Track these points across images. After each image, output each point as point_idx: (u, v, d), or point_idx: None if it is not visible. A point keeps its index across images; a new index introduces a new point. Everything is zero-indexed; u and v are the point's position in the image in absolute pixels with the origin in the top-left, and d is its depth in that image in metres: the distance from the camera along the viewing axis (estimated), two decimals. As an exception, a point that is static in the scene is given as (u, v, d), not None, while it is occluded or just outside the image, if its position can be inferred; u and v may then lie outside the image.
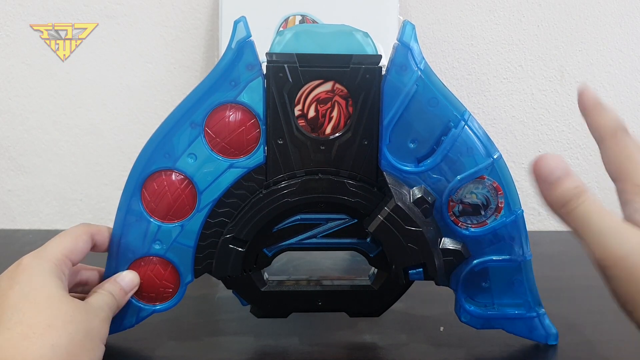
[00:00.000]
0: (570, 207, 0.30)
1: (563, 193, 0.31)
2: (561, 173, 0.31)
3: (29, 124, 0.70)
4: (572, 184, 0.31)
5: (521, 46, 0.71)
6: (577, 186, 0.31)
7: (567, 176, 0.31)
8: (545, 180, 0.31)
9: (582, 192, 0.31)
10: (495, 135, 0.73)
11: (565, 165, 0.31)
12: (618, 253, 0.29)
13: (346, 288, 0.40)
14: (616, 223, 0.30)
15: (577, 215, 0.30)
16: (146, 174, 0.38)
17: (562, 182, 0.31)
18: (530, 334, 0.40)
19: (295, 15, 0.63)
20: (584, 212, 0.30)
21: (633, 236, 0.29)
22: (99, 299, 0.36)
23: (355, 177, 0.38)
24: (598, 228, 0.30)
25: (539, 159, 0.31)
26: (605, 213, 0.30)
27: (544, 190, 0.31)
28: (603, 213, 0.30)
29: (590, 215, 0.30)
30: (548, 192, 0.31)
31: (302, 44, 0.36)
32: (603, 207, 0.30)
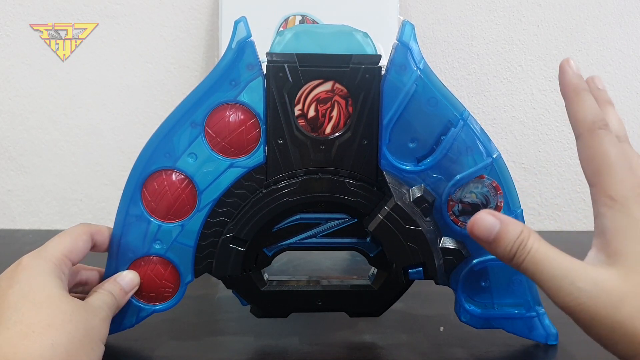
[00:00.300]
0: (518, 261, 0.29)
1: (506, 248, 0.30)
2: (498, 227, 0.30)
3: (29, 124, 0.70)
4: (513, 235, 0.29)
5: (521, 46, 0.71)
6: (518, 235, 0.29)
7: (505, 228, 0.30)
8: (486, 240, 0.30)
9: (525, 239, 0.29)
10: (495, 135, 0.73)
11: (498, 218, 0.30)
12: (575, 299, 0.28)
13: (346, 288, 0.40)
14: (567, 267, 0.29)
15: (527, 267, 0.29)
16: (146, 174, 0.38)
17: (502, 238, 0.30)
18: (530, 334, 0.40)
19: (295, 15, 0.63)
20: (531, 263, 0.29)
21: (586, 279, 0.28)
22: (99, 299, 0.36)
23: (355, 177, 0.38)
24: (550, 276, 0.29)
25: (472, 223, 0.30)
26: (553, 259, 0.29)
27: (489, 250, 0.31)
28: (551, 260, 0.29)
29: (539, 264, 0.29)
30: (493, 250, 0.30)
31: (302, 44, 0.36)
32: (551, 250, 0.29)
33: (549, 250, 0.29)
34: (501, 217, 0.30)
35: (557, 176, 0.74)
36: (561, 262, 0.29)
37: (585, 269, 0.29)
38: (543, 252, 0.29)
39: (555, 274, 0.28)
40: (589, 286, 0.28)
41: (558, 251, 0.29)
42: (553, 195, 0.75)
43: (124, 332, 0.40)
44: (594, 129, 0.30)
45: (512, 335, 0.40)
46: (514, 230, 0.30)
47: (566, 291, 0.28)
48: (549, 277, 0.29)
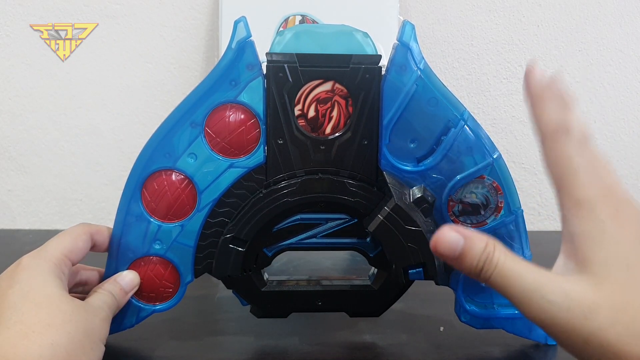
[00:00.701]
0: (486, 276, 0.28)
1: (472, 264, 0.28)
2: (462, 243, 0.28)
3: (29, 124, 0.70)
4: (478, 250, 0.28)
5: (521, 46, 0.71)
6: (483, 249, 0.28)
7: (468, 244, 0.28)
8: (451, 257, 0.29)
9: (491, 253, 0.28)
10: (495, 135, 0.73)
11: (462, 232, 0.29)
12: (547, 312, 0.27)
13: (346, 288, 0.40)
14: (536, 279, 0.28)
15: (495, 281, 0.28)
16: (146, 174, 0.38)
17: (466, 254, 0.28)
18: (530, 334, 0.40)
19: (295, 15, 0.63)
20: (500, 276, 0.28)
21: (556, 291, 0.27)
22: (99, 299, 0.36)
23: (355, 177, 0.38)
24: (519, 290, 0.28)
25: (435, 240, 0.29)
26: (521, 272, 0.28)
27: (455, 266, 0.29)
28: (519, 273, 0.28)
29: (507, 278, 0.28)
30: (459, 267, 0.29)
31: (302, 44, 0.36)
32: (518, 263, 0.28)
33: (516, 263, 0.28)
34: (464, 232, 0.29)
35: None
36: (530, 275, 0.28)
37: (555, 281, 0.28)
38: (510, 266, 0.28)
39: (525, 288, 0.28)
40: (559, 298, 0.27)
41: (526, 263, 0.28)
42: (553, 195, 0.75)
43: (124, 332, 0.40)
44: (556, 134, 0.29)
45: (512, 335, 0.40)
46: (479, 244, 0.29)
47: (537, 305, 0.27)
48: (518, 292, 0.28)
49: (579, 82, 0.72)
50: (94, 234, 0.38)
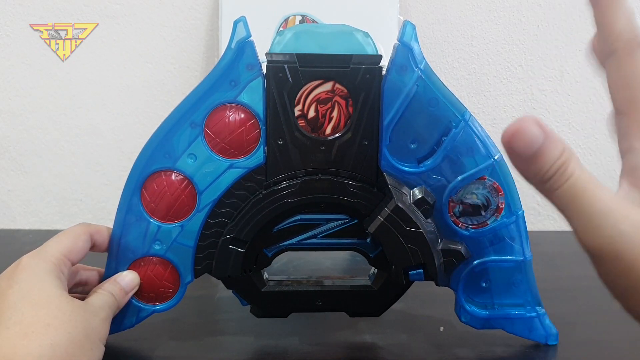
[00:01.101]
0: (555, 186, 0.25)
1: (544, 167, 0.24)
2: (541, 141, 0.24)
3: (29, 124, 0.70)
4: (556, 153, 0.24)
5: (521, 46, 0.71)
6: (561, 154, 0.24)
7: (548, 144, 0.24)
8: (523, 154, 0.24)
9: (568, 161, 0.25)
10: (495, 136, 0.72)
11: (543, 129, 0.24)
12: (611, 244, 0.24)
13: (346, 288, 0.40)
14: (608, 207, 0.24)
15: (563, 196, 0.25)
16: (146, 174, 0.38)
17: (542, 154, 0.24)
18: (530, 334, 0.40)
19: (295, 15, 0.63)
20: (570, 192, 0.25)
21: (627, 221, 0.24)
22: (99, 299, 0.36)
23: (355, 178, 0.38)
24: (588, 214, 0.24)
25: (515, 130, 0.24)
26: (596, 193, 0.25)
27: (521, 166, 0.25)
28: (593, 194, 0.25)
29: (578, 197, 0.25)
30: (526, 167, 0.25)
31: (302, 44, 0.36)
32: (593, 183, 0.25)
33: (590, 181, 0.25)
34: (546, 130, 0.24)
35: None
36: (603, 197, 0.24)
37: (627, 209, 0.24)
38: (585, 181, 0.25)
39: (596, 210, 0.24)
40: (630, 228, 0.24)
41: (598, 183, 0.25)
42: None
43: (124, 332, 0.40)
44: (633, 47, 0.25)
45: (512, 336, 0.40)
46: (557, 147, 0.24)
47: (604, 232, 0.24)
48: (587, 212, 0.24)
49: (579, 82, 0.72)
50: (94, 234, 0.38)
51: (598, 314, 0.46)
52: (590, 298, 0.49)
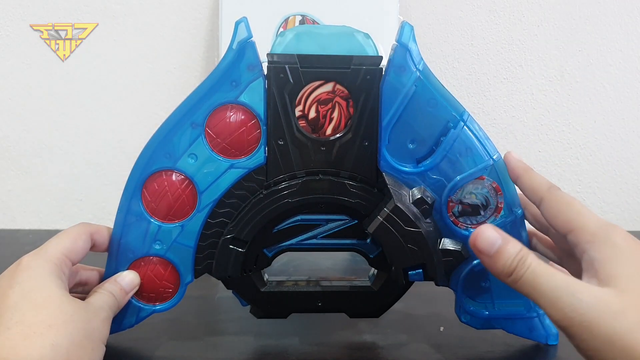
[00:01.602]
0: (517, 276, 0.30)
1: (506, 263, 0.31)
2: (500, 242, 0.31)
3: (29, 124, 0.70)
4: (514, 251, 0.31)
5: (521, 46, 0.71)
6: (519, 251, 0.31)
7: (506, 244, 0.31)
8: (487, 253, 0.31)
9: (525, 256, 0.31)
10: (495, 135, 0.73)
11: (501, 233, 0.32)
12: (574, 313, 0.28)
13: (346, 289, 0.40)
14: (566, 282, 0.29)
15: (526, 282, 0.30)
16: (147, 174, 0.38)
17: (503, 252, 0.31)
18: (530, 334, 0.40)
19: (295, 16, 0.63)
20: (531, 277, 0.30)
21: (585, 292, 0.29)
22: (100, 299, 0.36)
23: (355, 178, 0.38)
24: (549, 290, 0.29)
25: (476, 234, 0.32)
26: (553, 273, 0.30)
27: (488, 263, 0.32)
28: (550, 274, 0.30)
29: (538, 279, 0.30)
30: (492, 264, 0.31)
31: (303, 45, 0.36)
32: (549, 267, 0.30)
33: (547, 267, 0.30)
34: (503, 234, 0.32)
35: (557, 176, 0.74)
36: (559, 276, 0.30)
37: (583, 284, 0.30)
38: (543, 268, 0.30)
39: (556, 286, 0.29)
40: (589, 298, 0.28)
41: (554, 268, 0.30)
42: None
43: (124, 332, 0.40)
44: (551, 190, 0.34)
45: (512, 335, 0.40)
46: (515, 247, 0.31)
47: (566, 302, 0.29)
48: (548, 290, 0.29)
49: (579, 82, 0.72)
50: (94, 233, 0.38)
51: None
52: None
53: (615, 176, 0.75)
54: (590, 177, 0.75)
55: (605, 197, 0.75)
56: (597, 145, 0.74)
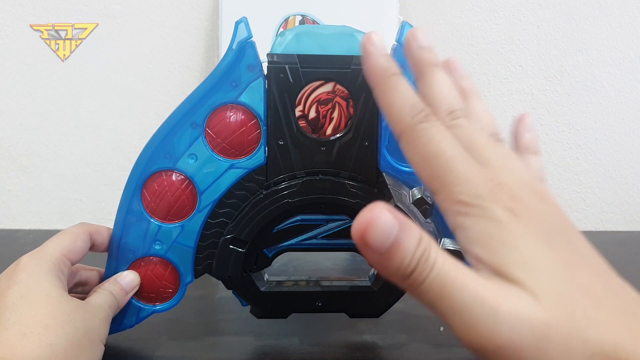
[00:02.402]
0: (420, 278, 0.21)
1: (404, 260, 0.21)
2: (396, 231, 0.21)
3: (29, 124, 0.70)
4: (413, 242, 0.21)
5: (521, 46, 0.71)
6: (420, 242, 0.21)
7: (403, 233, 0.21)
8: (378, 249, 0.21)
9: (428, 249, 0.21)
10: (495, 136, 0.73)
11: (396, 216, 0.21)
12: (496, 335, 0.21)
13: (346, 289, 0.40)
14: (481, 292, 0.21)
15: (430, 288, 0.21)
16: (147, 174, 0.38)
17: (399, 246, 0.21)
18: (530, 335, 0.40)
19: (295, 16, 0.63)
20: (437, 282, 0.21)
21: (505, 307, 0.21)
22: (99, 299, 0.36)
23: (355, 178, 0.38)
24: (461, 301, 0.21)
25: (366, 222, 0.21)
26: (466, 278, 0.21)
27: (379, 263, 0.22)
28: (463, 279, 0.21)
29: (447, 286, 0.21)
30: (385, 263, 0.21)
31: (303, 45, 0.36)
32: (460, 268, 0.22)
33: (455, 267, 0.22)
34: (399, 217, 0.21)
35: (557, 176, 0.74)
36: (474, 285, 0.21)
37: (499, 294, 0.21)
38: (450, 268, 0.21)
39: (468, 302, 0.21)
40: (509, 319, 0.21)
41: (466, 268, 0.22)
42: (553, 196, 0.75)
43: (124, 332, 0.40)
44: (413, 125, 0.24)
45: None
46: (413, 236, 0.21)
47: (482, 326, 0.21)
48: (459, 306, 0.21)
49: (579, 82, 0.72)
50: (93, 233, 0.38)
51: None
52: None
53: (615, 176, 0.75)
54: (590, 177, 0.75)
55: (605, 197, 0.75)
56: (597, 145, 0.74)
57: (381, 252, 0.21)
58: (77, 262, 0.37)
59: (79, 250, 0.37)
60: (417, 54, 0.28)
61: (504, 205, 0.22)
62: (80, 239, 0.37)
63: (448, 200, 0.23)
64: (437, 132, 0.24)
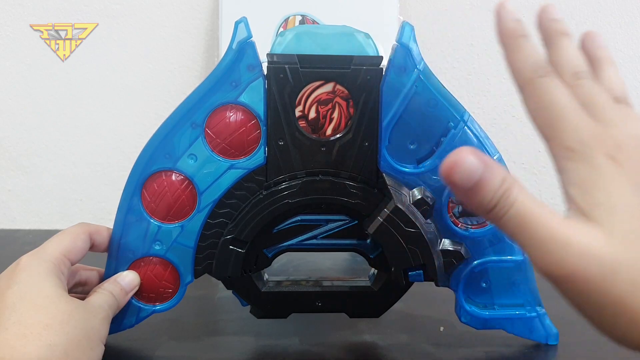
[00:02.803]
0: (499, 214, 0.24)
1: (486, 198, 0.24)
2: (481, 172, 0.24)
3: (29, 124, 0.70)
4: (496, 182, 0.24)
5: (521, 46, 0.71)
6: (502, 182, 0.24)
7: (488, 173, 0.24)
8: (464, 188, 0.24)
9: (510, 189, 0.24)
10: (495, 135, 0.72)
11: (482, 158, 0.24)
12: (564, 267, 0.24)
13: (346, 289, 0.40)
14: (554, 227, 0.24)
15: (509, 222, 0.24)
16: (146, 175, 0.38)
17: (483, 185, 0.24)
18: (530, 334, 0.40)
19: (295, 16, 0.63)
20: (516, 218, 0.24)
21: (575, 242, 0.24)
22: (99, 299, 0.36)
23: (355, 179, 0.38)
24: (537, 236, 0.24)
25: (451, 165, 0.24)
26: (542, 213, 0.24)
27: (464, 199, 0.25)
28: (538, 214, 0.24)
29: (524, 219, 0.24)
30: (469, 199, 0.25)
31: (303, 45, 0.36)
32: (537, 205, 0.24)
33: (535, 205, 0.24)
34: (485, 159, 0.24)
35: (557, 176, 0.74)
36: (550, 220, 0.24)
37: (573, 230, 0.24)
38: (529, 206, 0.24)
39: (541, 236, 0.24)
40: (578, 252, 0.23)
41: (544, 206, 0.25)
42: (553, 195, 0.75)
43: (124, 332, 0.40)
44: (533, 79, 0.27)
45: (512, 336, 0.40)
46: (497, 176, 0.24)
47: (554, 257, 0.24)
48: (534, 239, 0.24)
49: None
50: (93, 233, 0.38)
51: (598, 314, 0.46)
52: (589, 298, 0.49)
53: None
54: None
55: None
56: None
57: (465, 190, 0.24)
58: (77, 262, 0.37)
59: (78, 250, 0.37)
60: (548, 24, 0.31)
61: (606, 153, 0.25)
62: (80, 239, 0.37)
63: (557, 146, 0.26)
64: (555, 85, 0.26)
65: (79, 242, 0.37)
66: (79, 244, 0.37)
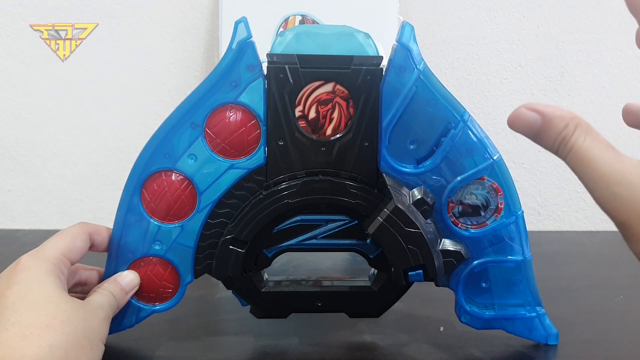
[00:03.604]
0: (562, 154, 0.28)
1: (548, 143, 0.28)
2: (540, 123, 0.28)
3: (29, 124, 0.70)
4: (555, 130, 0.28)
5: (521, 46, 0.71)
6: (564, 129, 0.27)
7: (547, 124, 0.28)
8: (529, 136, 0.28)
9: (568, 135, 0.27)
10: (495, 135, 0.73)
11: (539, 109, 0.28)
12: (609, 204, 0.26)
13: (346, 289, 0.40)
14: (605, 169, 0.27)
15: (570, 162, 0.28)
16: (146, 175, 0.38)
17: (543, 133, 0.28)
18: (530, 334, 0.40)
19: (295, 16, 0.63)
20: (574, 159, 0.27)
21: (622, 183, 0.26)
22: (99, 299, 0.36)
23: (355, 179, 0.38)
24: (588, 177, 0.27)
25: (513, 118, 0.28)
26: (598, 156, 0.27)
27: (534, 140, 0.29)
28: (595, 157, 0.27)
29: (583, 161, 0.27)
30: (537, 142, 0.29)
31: (303, 45, 0.36)
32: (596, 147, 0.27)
33: (594, 148, 0.27)
34: (544, 111, 0.28)
35: (557, 176, 0.74)
36: (602, 163, 0.27)
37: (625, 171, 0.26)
38: (586, 150, 0.27)
39: (593, 176, 0.27)
40: (625, 192, 0.26)
41: (604, 148, 0.27)
42: (553, 195, 0.75)
43: (124, 332, 0.40)
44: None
45: (512, 336, 0.40)
46: (558, 125, 0.27)
47: (600, 194, 0.27)
48: (586, 178, 0.27)
49: (579, 82, 0.72)
50: (93, 233, 0.38)
51: (598, 314, 0.46)
52: (590, 298, 0.49)
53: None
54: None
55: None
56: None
57: (530, 137, 0.28)
58: (76, 262, 0.37)
59: (78, 250, 0.37)
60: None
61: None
62: (80, 238, 0.37)
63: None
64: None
65: (79, 242, 0.37)
66: (78, 244, 0.37)
